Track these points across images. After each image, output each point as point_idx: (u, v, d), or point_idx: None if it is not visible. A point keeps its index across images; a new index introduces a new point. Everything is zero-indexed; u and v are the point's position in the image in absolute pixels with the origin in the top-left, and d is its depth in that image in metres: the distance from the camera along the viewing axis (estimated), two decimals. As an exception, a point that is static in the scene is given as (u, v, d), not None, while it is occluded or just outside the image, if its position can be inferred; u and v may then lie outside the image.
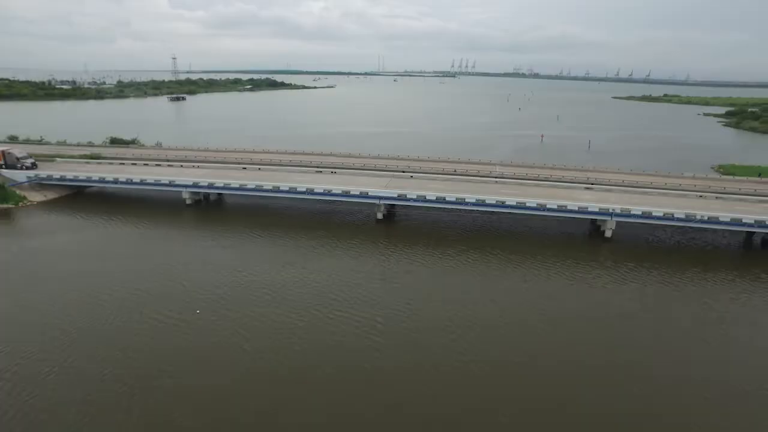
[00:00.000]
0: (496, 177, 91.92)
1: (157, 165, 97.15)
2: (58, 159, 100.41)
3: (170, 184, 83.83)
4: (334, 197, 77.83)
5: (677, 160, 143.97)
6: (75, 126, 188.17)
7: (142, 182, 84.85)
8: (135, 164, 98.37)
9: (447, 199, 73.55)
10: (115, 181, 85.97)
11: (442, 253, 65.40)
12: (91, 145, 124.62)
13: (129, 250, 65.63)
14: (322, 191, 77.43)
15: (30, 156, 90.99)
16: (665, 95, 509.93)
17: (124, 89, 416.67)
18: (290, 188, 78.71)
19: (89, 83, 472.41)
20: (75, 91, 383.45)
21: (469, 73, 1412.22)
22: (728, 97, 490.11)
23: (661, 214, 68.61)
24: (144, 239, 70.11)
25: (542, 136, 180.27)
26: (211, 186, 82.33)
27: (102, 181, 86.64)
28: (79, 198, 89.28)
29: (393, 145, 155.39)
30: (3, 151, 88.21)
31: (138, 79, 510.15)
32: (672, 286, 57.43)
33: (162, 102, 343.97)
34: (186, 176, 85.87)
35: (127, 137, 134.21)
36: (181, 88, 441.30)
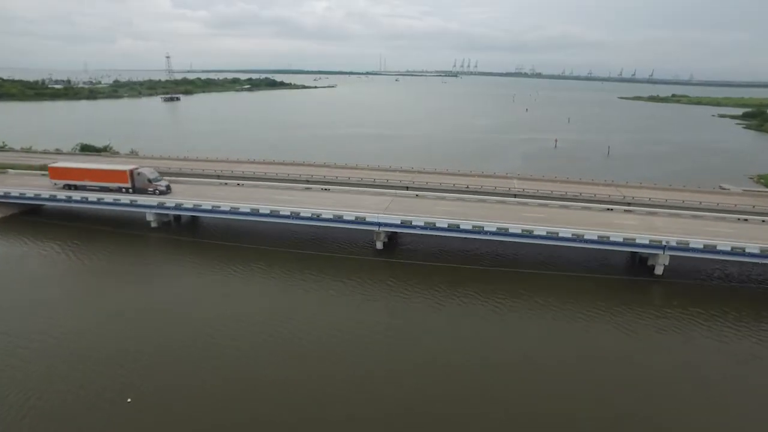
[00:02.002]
0: (515, 193, 78.88)
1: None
2: (10, 171, 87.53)
3: (132, 204, 70.87)
4: (324, 222, 64.76)
5: (708, 168, 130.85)
6: (53, 128, 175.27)
7: (99, 201, 71.92)
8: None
9: (461, 227, 60.34)
10: (68, 200, 73.07)
11: (458, 294, 52.70)
12: (58, 152, 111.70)
13: (68, 289, 52.89)
14: (309, 215, 64.33)
15: (161, 177, 75.06)
16: (673, 95, 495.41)
17: (118, 89, 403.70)
18: (272, 211, 65.60)
19: (84, 83, 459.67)
20: (67, 91, 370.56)
21: (471, 73, 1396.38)
22: (740, 97, 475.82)
23: (728, 248, 55.31)
24: (92, 275, 57.19)
25: (556, 140, 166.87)
26: (178, 207, 69.28)
27: (53, 199, 73.74)
28: (33, 216, 76.37)
29: (394, 151, 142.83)
30: (132, 171, 72.38)
31: (136, 79, 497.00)
32: (749, 340, 44.66)
33: (156, 102, 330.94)
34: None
35: (105, 142, 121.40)
36: (178, 87, 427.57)
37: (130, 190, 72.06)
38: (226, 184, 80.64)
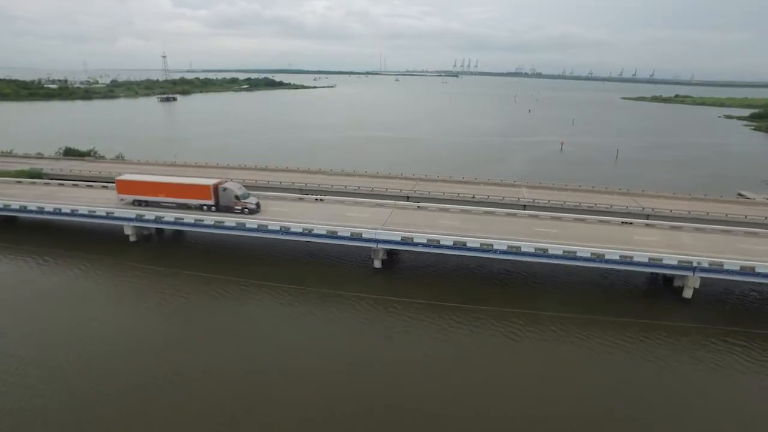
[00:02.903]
0: (524, 204, 73.07)
1: (103, 187, 78.35)
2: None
3: (108, 216, 65.09)
4: (316, 239, 58.91)
5: (723, 173, 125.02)
6: (41, 130, 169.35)
7: (73, 213, 66.10)
8: (77, 185, 79.68)
9: (468, 245, 54.47)
10: (40, 211, 67.24)
11: (467, 320, 47.06)
12: (39, 156, 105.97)
13: (26, 314, 46.96)
14: (300, 231, 58.49)
15: (249, 193, 66.06)
16: (677, 96, 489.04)
17: (114, 89, 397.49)
18: (259, 226, 59.75)
19: (81, 83, 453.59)
20: (61, 91, 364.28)
21: (472, 73, 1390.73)
22: (743, 97, 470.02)
23: (768, 271, 49.49)
24: (53, 299, 51.31)
25: (562, 143, 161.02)
26: (158, 220, 63.47)
27: (23, 210, 67.93)
28: (7, 228, 70.62)
29: (394, 154, 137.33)
30: (216, 186, 64.15)
31: (135, 79, 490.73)
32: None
33: (152, 103, 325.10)
34: (131, 206, 67.27)
35: (90, 145, 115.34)
36: (175, 87, 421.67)
37: (213, 208, 63.62)
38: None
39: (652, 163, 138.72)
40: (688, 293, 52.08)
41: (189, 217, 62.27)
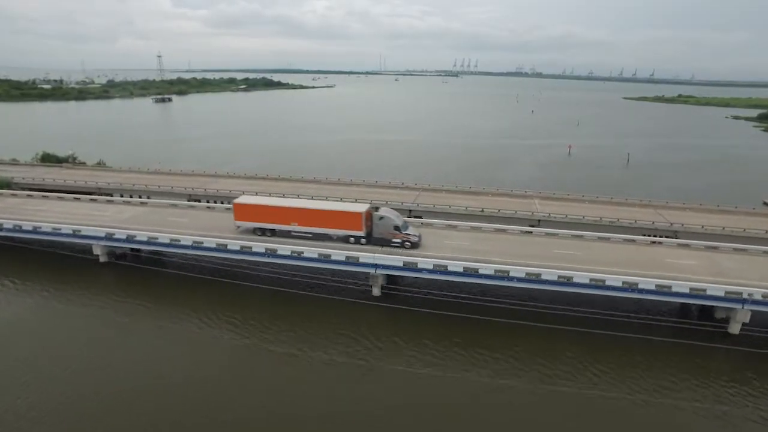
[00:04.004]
0: (539, 219, 66.12)
1: (75, 199, 71.43)
2: (-55, 189, 74.74)
3: (74, 235, 58.00)
4: (307, 262, 51.92)
5: (743, 180, 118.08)
6: (26, 132, 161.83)
7: (35, 230, 59.02)
8: (47, 197, 72.69)
9: (481, 271, 47.46)
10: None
11: (482, 360, 40.22)
12: (13, 163, 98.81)
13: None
14: (288, 253, 51.44)
15: (408, 222, 56.49)
16: (680, 96, 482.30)
17: (109, 89, 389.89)
18: (242, 247, 52.66)
19: (77, 83, 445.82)
20: (54, 92, 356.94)
21: (472, 73, 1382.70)
22: (748, 98, 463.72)
23: (834, 305, 42.48)
24: (8, 333, 44.38)
25: (570, 146, 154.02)
26: (130, 239, 56.40)
27: (-20, 227, 60.83)
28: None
29: (394, 159, 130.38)
30: (369, 213, 53.21)
31: (134, 79, 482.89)
32: None
33: (147, 103, 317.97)
34: (103, 221, 60.29)
35: (73, 149, 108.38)
36: (171, 88, 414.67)
37: (363, 240, 52.49)
38: (193, 206, 67.84)
39: (665, 168, 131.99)
40: (734, 328, 45.17)
41: (164, 236, 55.16)
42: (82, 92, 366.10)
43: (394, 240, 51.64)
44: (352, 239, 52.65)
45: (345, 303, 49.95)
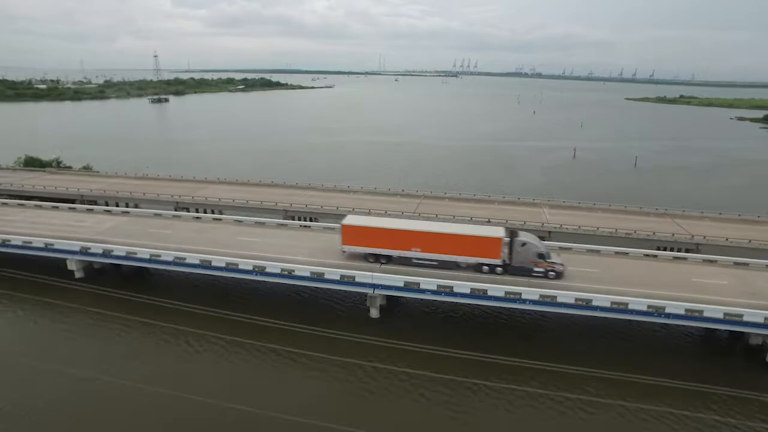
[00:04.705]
0: (550, 230, 61.58)
1: (54, 208, 66.96)
2: None
3: (47, 248, 53.43)
4: (299, 281, 47.36)
5: (756, 184, 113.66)
6: (14, 134, 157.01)
7: (3, 244, 54.44)
8: (23, 205, 68.21)
9: (490, 293, 42.90)
10: (-33, 242, 55.58)
11: (500, 391, 35.40)
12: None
13: None
14: (278, 272, 46.86)
15: (545, 247, 47.32)
16: (682, 96, 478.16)
17: (105, 90, 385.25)
18: (228, 264, 48.06)
19: (74, 83, 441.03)
20: (50, 92, 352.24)
21: (472, 73, 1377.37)
22: (751, 98, 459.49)
23: None
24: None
25: (575, 149, 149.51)
26: (106, 254, 51.82)
27: (-52, 240, 56.23)
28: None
29: (393, 162, 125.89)
30: (512, 240, 45.83)
31: (132, 78, 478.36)
32: None
33: (143, 103, 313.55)
34: (80, 233, 55.77)
35: (60, 152, 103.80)
36: (169, 88, 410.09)
37: (499, 269, 45.80)
38: (178, 215, 63.29)
39: (674, 171, 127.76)
40: (772, 357, 40.65)
41: (143, 251, 50.57)
42: (77, 92, 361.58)
43: (537, 269, 45.01)
44: (485, 268, 46.01)
45: (340, 325, 45.36)
